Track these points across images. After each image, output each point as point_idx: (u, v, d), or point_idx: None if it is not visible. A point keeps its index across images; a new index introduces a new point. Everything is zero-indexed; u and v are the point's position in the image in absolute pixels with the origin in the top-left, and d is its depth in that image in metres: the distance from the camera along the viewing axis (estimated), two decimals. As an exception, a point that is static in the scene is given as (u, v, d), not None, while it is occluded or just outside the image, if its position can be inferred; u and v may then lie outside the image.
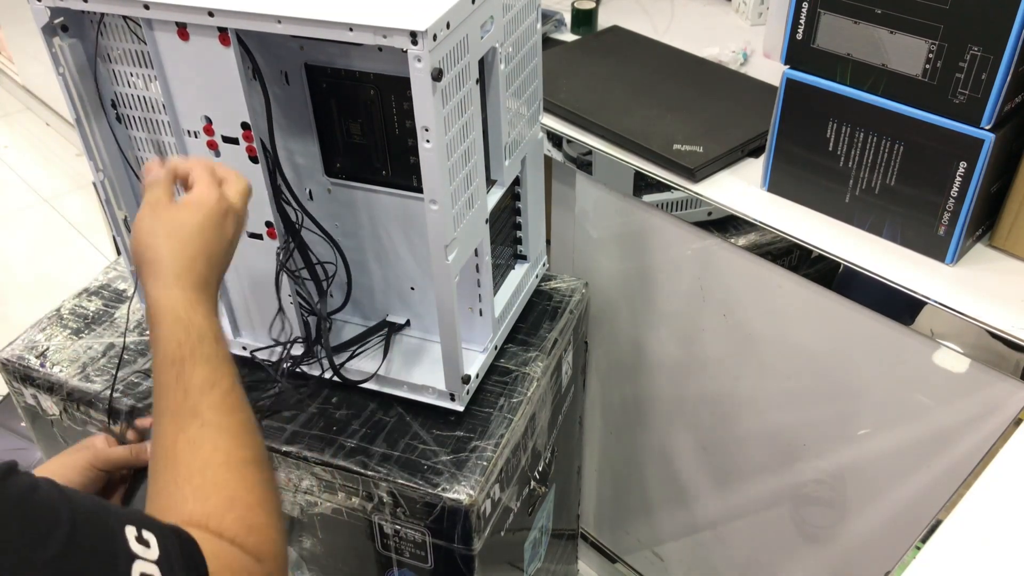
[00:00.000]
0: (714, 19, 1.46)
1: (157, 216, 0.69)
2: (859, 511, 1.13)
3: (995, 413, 0.93)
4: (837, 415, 1.09)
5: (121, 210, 0.98)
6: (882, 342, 0.99)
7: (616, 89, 1.23)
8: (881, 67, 0.92)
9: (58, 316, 1.16)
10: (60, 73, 0.89)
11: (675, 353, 1.27)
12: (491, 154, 0.94)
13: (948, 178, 0.92)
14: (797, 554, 1.26)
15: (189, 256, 0.67)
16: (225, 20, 0.78)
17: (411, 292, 1.03)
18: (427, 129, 0.77)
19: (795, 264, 1.03)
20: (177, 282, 0.66)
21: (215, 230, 0.70)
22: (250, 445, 0.63)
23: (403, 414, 1.00)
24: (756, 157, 1.13)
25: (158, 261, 0.67)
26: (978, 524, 0.74)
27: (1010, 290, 0.93)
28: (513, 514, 1.05)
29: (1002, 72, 0.84)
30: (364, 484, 0.95)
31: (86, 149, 0.94)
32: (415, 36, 0.72)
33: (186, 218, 0.69)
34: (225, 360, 0.65)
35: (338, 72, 0.88)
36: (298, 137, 0.94)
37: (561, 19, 1.43)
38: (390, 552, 1.01)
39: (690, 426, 1.31)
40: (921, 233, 0.97)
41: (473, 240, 0.91)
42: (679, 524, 1.44)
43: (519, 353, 1.07)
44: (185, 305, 0.65)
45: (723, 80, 1.25)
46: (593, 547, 1.65)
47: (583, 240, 1.30)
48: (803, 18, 0.96)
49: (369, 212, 0.98)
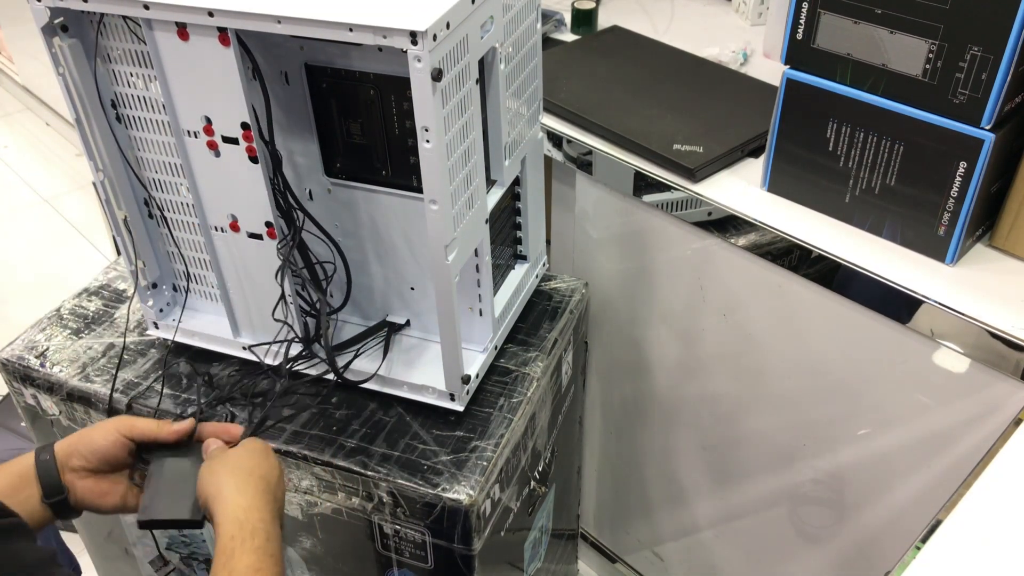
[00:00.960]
0: (714, 19, 1.46)
1: (222, 458, 0.82)
2: (859, 511, 1.13)
3: (995, 413, 0.93)
4: (837, 415, 1.09)
5: (121, 210, 0.98)
6: (882, 342, 0.99)
7: (616, 89, 1.23)
8: (881, 67, 0.92)
9: (58, 316, 1.16)
10: (60, 73, 0.89)
11: (675, 353, 1.27)
12: (491, 154, 0.94)
13: (948, 178, 0.92)
14: (797, 554, 1.26)
15: (245, 475, 0.79)
16: (225, 20, 0.78)
17: (411, 292, 1.03)
18: (427, 129, 0.77)
19: (795, 264, 1.03)
20: (236, 494, 0.76)
21: (263, 455, 0.83)
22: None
23: (403, 414, 1.00)
24: (756, 157, 1.13)
25: (219, 484, 0.78)
26: (978, 524, 0.74)
27: (1010, 290, 0.93)
28: (513, 514, 1.06)
29: (1002, 72, 0.84)
30: (364, 484, 0.95)
31: (86, 149, 0.94)
32: (415, 36, 0.72)
33: (239, 452, 0.83)
34: (270, 552, 0.73)
35: (338, 72, 0.88)
36: (298, 137, 0.94)
37: (561, 19, 1.43)
38: (390, 552, 1.01)
39: (690, 426, 1.31)
40: (921, 233, 0.97)
41: (473, 240, 0.91)
42: (679, 524, 1.44)
43: (519, 353, 1.07)
44: (244, 504, 0.75)
45: (723, 80, 1.25)
46: (593, 547, 1.65)
47: (583, 240, 1.30)
48: (803, 18, 0.96)
49: (369, 212, 0.98)
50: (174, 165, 0.95)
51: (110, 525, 1.27)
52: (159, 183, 0.98)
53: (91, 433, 0.84)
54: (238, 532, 0.73)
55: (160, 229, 1.02)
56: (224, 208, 0.93)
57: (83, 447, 0.83)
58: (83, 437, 0.83)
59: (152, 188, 0.98)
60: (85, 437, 0.83)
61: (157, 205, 0.99)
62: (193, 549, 1.22)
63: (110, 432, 0.84)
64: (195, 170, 0.92)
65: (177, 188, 0.97)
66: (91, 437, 0.83)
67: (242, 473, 0.79)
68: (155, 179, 0.98)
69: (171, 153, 0.94)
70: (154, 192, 0.98)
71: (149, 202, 1.00)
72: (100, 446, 0.83)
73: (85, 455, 0.82)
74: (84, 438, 0.83)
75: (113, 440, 0.83)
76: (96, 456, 0.83)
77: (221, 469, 0.80)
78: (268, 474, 0.81)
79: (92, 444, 0.83)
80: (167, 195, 0.98)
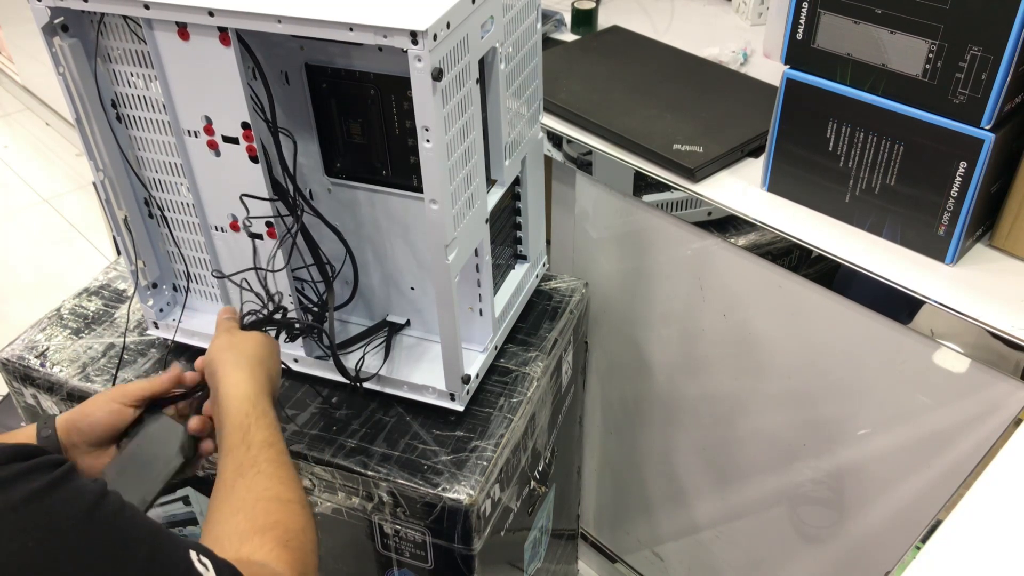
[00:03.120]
0: (714, 19, 1.46)
1: (232, 336, 0.85)
2: (859, 511, 1.13)
3: (995, 413, 0.93)
4: (837, 415, 1.09)
5: (121, 210, 0.98)
6: (882, 342, 0.99)
7: (616, 89, 1.23)
8: (881, 67, 0.92)
9: (58, 316, 1.16)
10: (60, 73, 0.89)
11: (675, 353, 1.27)
12: (491, 154, 0.94)
13: (948, 178, 0.92)
14: (797, 554, 1.26)
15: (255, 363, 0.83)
16: (225, 20, 0.78)
17: (411, 292, 1.03)
18: (427, 129, 0.77)
19: (795, 264, 1.03)
20: (248, 379, 0.80)
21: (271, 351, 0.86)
22: (295, 490, 0.75)
23: (403, 414, 1.00)
24: (756, 157, 1.13)
25: (230, 364, 0.82)
26: (978, 524, 0.74)
27: (1010, 290, 0.93)
28: (513, 514, 1.06)
29: (1002, 72, 0.84)
30: (364, 484, 0.95)
31: (86, 149, 0.94)
32: (415, 36, 0.72)
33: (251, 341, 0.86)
34: (279, 432, 0.79)
35: (338, 72, 0.88)
36: (298, 137, 0.94)
37: (561, 19, 1.43)
38: (390, 552, 1.01)
39: (690, 426, 1.31)
40: (921, 233, 0.97)
41: (473, 240, 0.91)
42: (679, 524, 1.44)
43: (519, 353, 1.07)
44: (254, 391, 0.80)
45: (723, 80, 1.25)
46: (593, 547, 1.65)
47: (583, 240, 1.30)
48: (803, 18, 0.96)
49: (369, 212, 0.98)
50: (174, 165, 0.95)
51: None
52: (159, 183, 0.98)
53: (88, 407, 0.83)
54: (252, 410, 0.77)
55: (160, 229, 1.02)
56: (224, 208, 0.93)
57: (81, 422, 0.81)
58: (81, 412, 0.82)
59: (152, 188, 0.98)
60: (82, 412, 0.82)
61: (157, 205, 0.99)
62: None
63: (106, 403, 0.83)
64: (195, 170, 0.92)
65: (177, 188, 0.97)
66: (88, 411, 0.82)
67: (254, 361, 0.82)
68: (155, 179, 0.98)
69: (171, 153, 0.94)
70: (154, 192, 0.98)
71: (149, 202, 1.00)
72: (99, 418, 0.82)
73: (84, 430, 0.81)
74: (81, 413, 0.82)
75: (110, 410, 0.82)
76: (96, 430, 0.82)
77: (234, 351, 0.83)
78: (273, 370, 0.84)
79: (90, 417, 0.82)
80: (167, 195, 0.98)
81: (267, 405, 0.80)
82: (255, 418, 0.77)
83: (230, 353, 0.82)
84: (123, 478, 0.80)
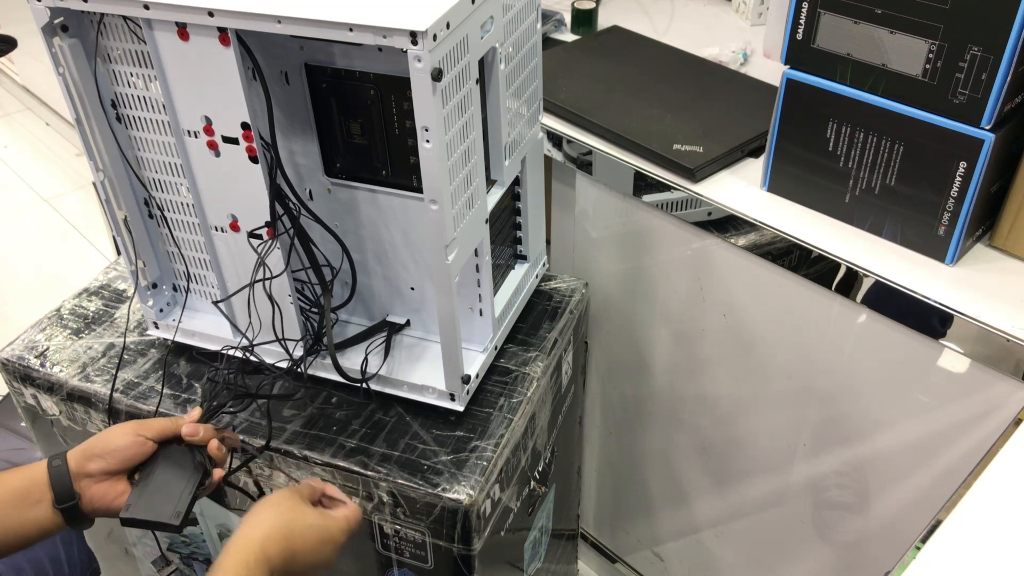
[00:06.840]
0: (714, 19, 1.46)
1: (292, 500, 0.84)
2: (859, 511, 1.13)
3: (995, 413, 0.93)
4: (837, 415, 1.09)
5: (121, 210, 0.98)
6: (882, 342, 0.99)
7: (616, 89, 1.23)
8: (881, 67, 0.92)
9: (58, 316, 1.16)
10: (60, 73, 0.89)
11: (675, 353, 1.27)
12: (491, 154, 0.94)
13: (948, 178, 0.92)
14: (797, 554, 1.26)
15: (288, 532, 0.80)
16: (225, 20, 0.78)
17: (411, 292, 1.03)
18: (427, 129, 0.77)
19: (795, 264, 1.03)
20: (262, 548, 0.78)
21: (318, 541, 0.83)
22: None
23: (403, 414, 1.00)
24: (756, 157, 1.13)
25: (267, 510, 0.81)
26: (978, 524, 0.74)
27: (1010, 290, 0.93)
28: (513, 514, 1.06)
29: (1002, 72, 0.84)
30: (364, 484, 0.95)
31: (86, 149, 0.94)
32: (415, 36, 0.72)
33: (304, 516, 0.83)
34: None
35: (338, 72, 0.88)
36: (298, 137, 0.94)
37: (561, 19, 1.43)
38: (390, 552, 1.01)
39: (690, 426, 1.31)
40: (921, 233, 0.97)
41: (473, 240, 0.91)
42: (679, 524, 1.44)
43: (519, 353, 1.07)
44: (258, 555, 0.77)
45: (723, 80, 1.25)
46: (593, 547, 1.65)
47: (583, 240, 1.30)
48: (803, 18, 0.96)
49: (369, 212, 0.98)
50: (174, 165, 0.95)
51: (110, 525, 1.27)
52: (159, 183, 0.98)
53: (109, 434, 0.85)
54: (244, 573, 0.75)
55: (160, 229, 1.02)
56: (224, 208, 0.93)
57: (101, 449, 0.84)
58: (99, 440, 0.85)
59: (152, 188, 0.98)
60: (102, 439, 0.85)
61: (157, 205, 0.99)
62: (193, 549, 1.22)
63: (128, 433, 0.85)
64: (195, 170, 0.92)
65: (177, 188, 0.97)
66: (110, 438, 0.85)
67: (288, 531, 0.80)
68: (155, 179, 0.98)
69: (171, 153, 0.94)
70: (154, 192, 0.98)
71: (149, 202, 1.00)
72: (120, 445, 0.84)
73: (104, 456, 0.84)
74: (101, 440, 0.85)
75: (132, 440, 0.85)
76: (116, 456, 0.84)
77: (280, 508, 0.82)
78: (304, 555, 0.81)
79: (110, 444, 0.84)
80: (167, 195, 0.98)
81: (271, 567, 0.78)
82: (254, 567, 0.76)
83: (276, 508, 0.82)
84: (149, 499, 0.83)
